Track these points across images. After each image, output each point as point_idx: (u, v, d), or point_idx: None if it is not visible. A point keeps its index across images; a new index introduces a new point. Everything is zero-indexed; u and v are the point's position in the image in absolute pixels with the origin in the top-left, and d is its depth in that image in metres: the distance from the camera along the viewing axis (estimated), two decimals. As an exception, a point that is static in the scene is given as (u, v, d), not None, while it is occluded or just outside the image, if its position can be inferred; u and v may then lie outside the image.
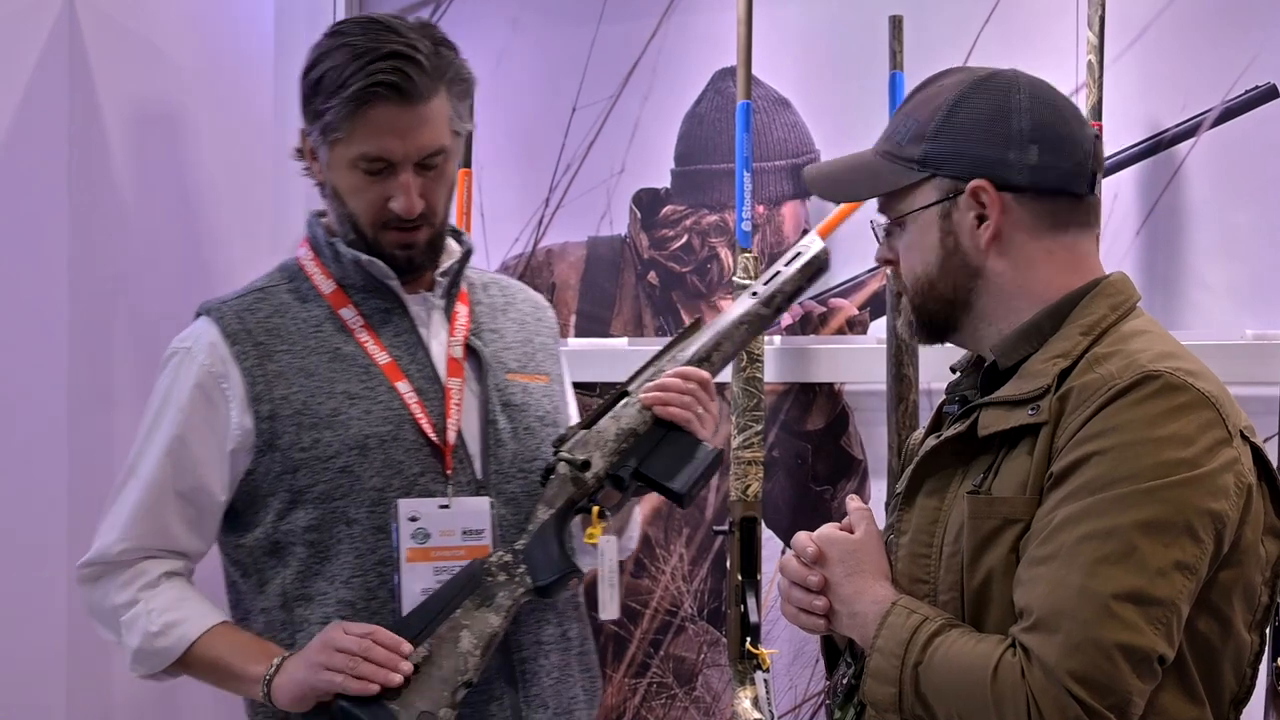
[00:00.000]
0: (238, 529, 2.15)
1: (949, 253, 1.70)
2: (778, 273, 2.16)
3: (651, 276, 3.15)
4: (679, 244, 3.13)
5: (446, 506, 2.10)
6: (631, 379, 2.16)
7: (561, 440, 2.13)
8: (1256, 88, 2.63)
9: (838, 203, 1.84)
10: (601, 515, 2.11)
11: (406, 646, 2.00)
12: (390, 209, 2.09)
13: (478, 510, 2.11)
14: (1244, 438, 1.62)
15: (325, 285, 2.16)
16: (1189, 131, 2.68)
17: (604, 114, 3.20)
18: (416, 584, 2.07)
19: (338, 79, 2.05)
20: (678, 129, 3.13)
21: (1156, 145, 2.71)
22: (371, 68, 2.03)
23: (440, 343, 2.17)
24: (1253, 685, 1.67)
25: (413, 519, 2.08)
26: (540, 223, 3.25)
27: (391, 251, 2.12)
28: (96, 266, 3.03)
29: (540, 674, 2.15)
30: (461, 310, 2.21)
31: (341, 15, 3.33)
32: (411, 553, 2.08)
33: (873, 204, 1.82)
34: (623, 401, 2.13)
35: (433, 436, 2.10)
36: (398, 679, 1.98)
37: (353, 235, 2.13)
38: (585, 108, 3.21)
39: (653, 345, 3.08)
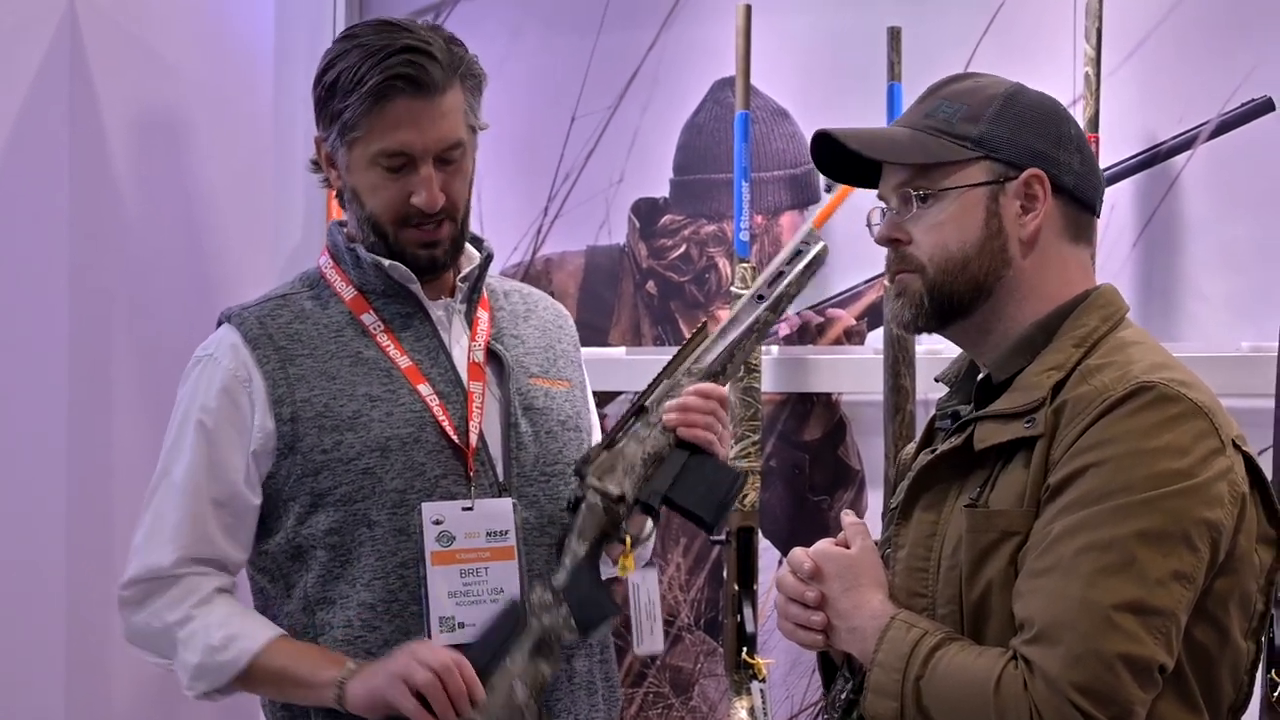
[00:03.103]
0: (260, 536, 2.14)
1: (991, 235, 1.70)
2: (781, 273, 2.10)
3: (650, 286, 3.16)
4: (677, 253, 3.14)
5: (470, 509, 2.10)
6: (646, 393, 2.12)
7: (585, 462, 2.10)
8: (1253, 101, 2.64)
9: (875, 158, 1.77)
10: (633, 544, 2.10)
11: (480, 694, 1.97)
12: (412, 205, 2.09)
13: (501, 512, 2.11)
14: (1236, 447, 1.63)
15: (346, 292, 2.16)
16: (1186, 144, 2.69)
17: (603, 123, 3.20)
18: (443, 586, 2.07)
19: (353, 77, 2.06)
20: (677, 139, 3.13)
21: (1153, 157, 2.72)
22: (387, 63, 2.05)
23: (461, 347, 2.17)
24: (1250, 693, 1.68)
25: (436, 522, 2.08)
26: (539, 231, 3.26)
27: (414, 251, 2.12)
28: (97, 272, 3.03)
29: (563, 679, 2.14)
30: (483, 316, 2.21)
31: (342, 21, 3.34)
32: (436, 555, 2.07)
33: (861, 204, 1.80)
34: (642, 419, 2.10)
35: (454, 439, 2.10)
36: None
37: (373, 238, 2.13)
38: (584, 117, 3.22)
39: (651, 355, 3.10)
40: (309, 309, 2.16)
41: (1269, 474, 1.72)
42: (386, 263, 2.12)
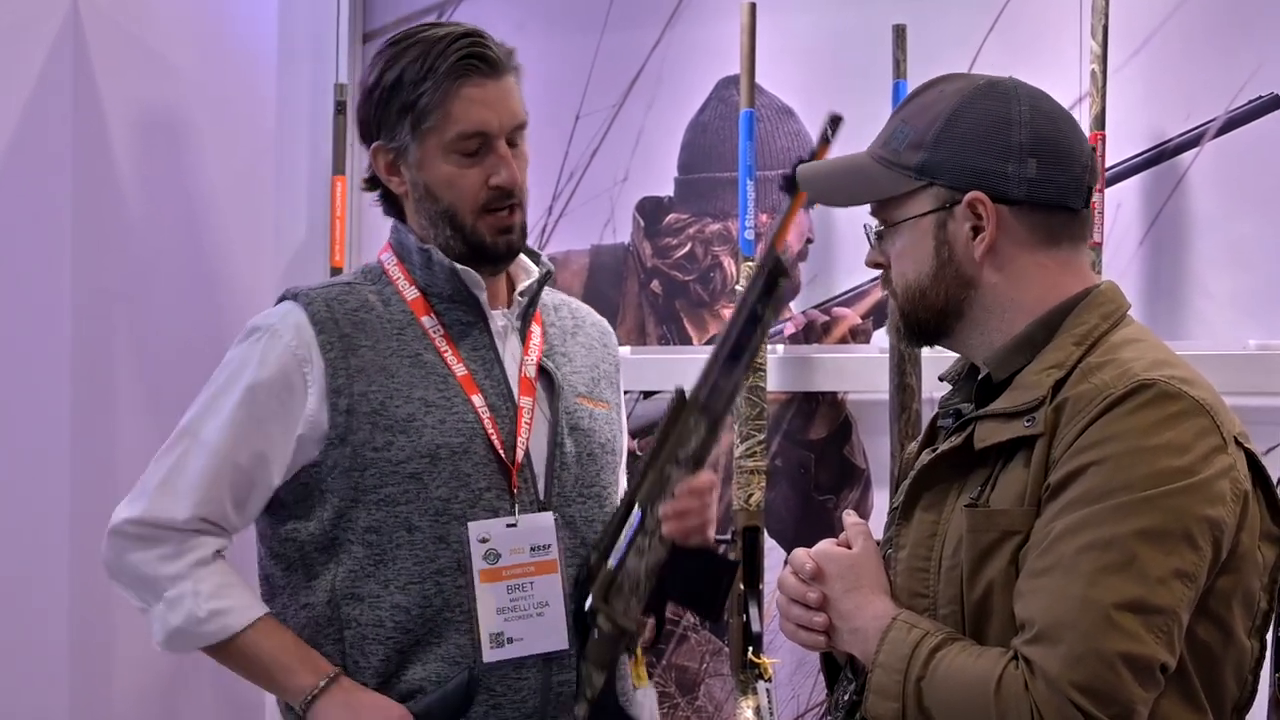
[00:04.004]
0: (287, 521, 2.13)
1: (943, 263, 1.70)
2: (755, 317, 1.99)
3: (655, 285, 3.15)
4: (682, 252, 3.13)
5: (514, 525, 2.11)
6: (638, 488, 2.10)
7: (589, 578, 2.13)
8: (1260, 98, 2.63)
9: (829, 205, 1.83)
10: (645, 652, 2.16)
11: None
12: (491, 190, 2.11)
13: (543, 526, 2.13)
14: (1238, 444, 1.62)
15: (409, 292, 2.16)
16: (1192, 141, 2.68)
17: (607, 122, 3.20)
18: (491, 603, 2.09)
19: (422, 68, 2.08)
20: (681, 137, 3.13)
21: (1160, 155, 2.71)
22: (454, 47, 2.09)
23: (515, 360, 2.18)
24: (1254, 691, 1.67)
25: (483, 540, 2.09)
26: (544, 231, 3.25)
27: (492, 240, 2.13)
28: (100, 272, 3.03)
29: None
30: (535, 330, 2.22)
31: (345, 25, 3.34)
32: (484, 574, 2.09)
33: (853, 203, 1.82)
34: (638, 525, 2.10)
35: (502, 453, 2.11)
36: None
37: (449, 232, 2.13)
38: (589, 116, 3.21)
39: (656, 354, 3.09)
40: (372, 301, 2.15)
41: (1275, 472, 1.71)
42: (460, 268, 2.13)
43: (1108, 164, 2.63)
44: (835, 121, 2.07)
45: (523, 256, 2.22)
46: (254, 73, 3.37)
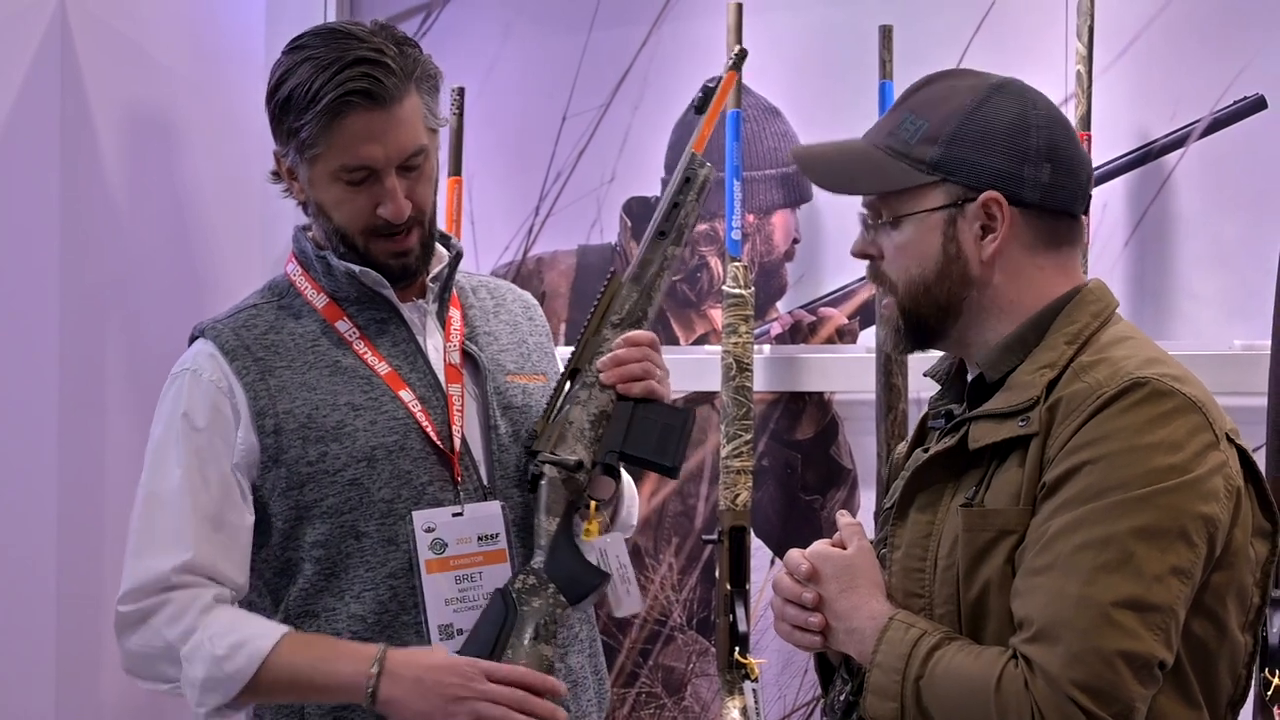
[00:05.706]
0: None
1: (949, 259, 1.70)
2: (676, 203, 2.12)
3: (641, 285, 3.15)
4: (669, 253, 3.13)
5: (460, 514, 2.09)
6: (576, 355, 2.12)
7: (533, 438, 2.11)
8: (1245, 98, 2.64)
9: (833, 192, 1.81)
10: (599, 509, 2.10)
11: (563, 686, 1.98)
12: (379, 216, 2.06)
13: (491, 515, 2.10)
14: (1230, 440, 1.63)
15: (317, 299, 2.14)
16: (1178, 142, 2.69)
17: (594, 122, 3.20)
18: (439, 594, 2.06)
19: (307, 94, 2.02)
20: (668, 137, 3.13)
21: (1145, 155, 2.72)
22: (340, 77, 2.01)
23: (437, 349, 2.16)
24: (1248, 687, 1.68)
25: (428, 530, 2.07)
26: (530, 231, 3.25)
27: (386, 262, 2.10)
28: (88, 271, 3.02)
29: (558, 676, 2.13)
30: (455, 314, 2.20)
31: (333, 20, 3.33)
32: (430, 564, 2.07)
33: (850, 202, 1.80)
34: (579, 383, 2.10)
35: (439, 444, 2.09)
36: None
37: (343, 249, 2.11)
38: (576, 116, 3.21)
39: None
40: (282, 319, 2.13)
41: (1264, 472, 1.72)
42: (358, 270, 2.10)
43: (1093, 164, 2.64)
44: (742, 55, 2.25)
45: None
46: (242, 71, 3.36)
